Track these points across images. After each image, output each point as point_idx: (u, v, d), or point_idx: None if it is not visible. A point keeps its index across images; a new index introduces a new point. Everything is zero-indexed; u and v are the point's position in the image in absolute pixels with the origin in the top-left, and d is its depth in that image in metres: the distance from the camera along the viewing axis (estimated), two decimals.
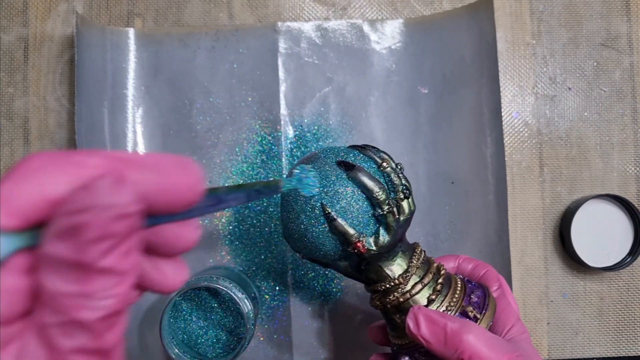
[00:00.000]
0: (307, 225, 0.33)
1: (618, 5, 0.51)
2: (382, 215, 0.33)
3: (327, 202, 0.33)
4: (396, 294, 0.34)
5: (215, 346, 0.43)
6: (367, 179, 0.33)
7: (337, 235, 0.33)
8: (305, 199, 0.33)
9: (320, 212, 0.33)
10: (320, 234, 0.33)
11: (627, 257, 0.48)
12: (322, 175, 0.33)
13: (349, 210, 0.33)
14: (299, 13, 0.51)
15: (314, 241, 0.34)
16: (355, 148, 0.36)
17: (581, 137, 0.51)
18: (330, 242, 0.33)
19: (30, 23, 0.50)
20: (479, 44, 0.48)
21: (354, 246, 0.33)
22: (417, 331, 0.31)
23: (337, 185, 0.33)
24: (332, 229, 0.33)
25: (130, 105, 0.49)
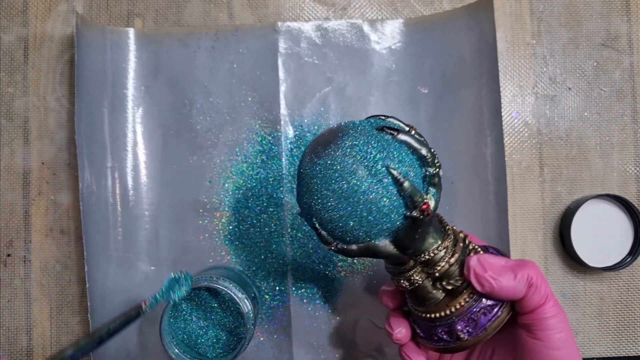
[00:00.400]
0: (364, 190, 0.31)
1: (618, 5, 0.51)
2: (433, 174, 0.33)
3: (390, 160, 0.31)
4: (447, 260, 0.34)
5: (215, 346, 0.43)
6: (414, 139, 0.32)
7: (405, 198, 0.31)
8: (363, 165, 0.31)
9: (383, 175, 0.31)
10: (384, 200, 0.31)
11: (627, 257, 0.48)
12: (367, 140, 0.31)
13: (408, 174, 0.31)
14: (299, 13, 0.51)
15: (375, 211, 0.31)
16: (374, 117, 0.35)
17: (581, 137, 0.51)
18: (391, 207, 0.31)
19: (30, 23, 0.50)
20: (479, 44, 0.48)
21: (421, 208, 0.31)
22: (483, 272, 0.33)
23: (392, 147, 0.32)
24: (400, 192, 0.31)
25: (130, 105, 0.49)
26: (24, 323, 0.49)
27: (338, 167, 0.31)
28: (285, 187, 0.49)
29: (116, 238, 0.48)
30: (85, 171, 0.46)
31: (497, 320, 0.34)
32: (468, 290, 0.34)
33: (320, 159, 0.32)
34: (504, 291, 0.33)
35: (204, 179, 0.49)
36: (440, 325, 0.34)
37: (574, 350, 0.33)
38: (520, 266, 0.34)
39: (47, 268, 0.49)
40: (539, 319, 0.33)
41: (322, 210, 0.32)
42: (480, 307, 0.34)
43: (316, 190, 0.32)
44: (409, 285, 0.35)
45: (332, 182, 0.31)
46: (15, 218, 0.49)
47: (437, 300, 0.35)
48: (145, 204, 0.49)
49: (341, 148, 0.31)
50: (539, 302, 0.33)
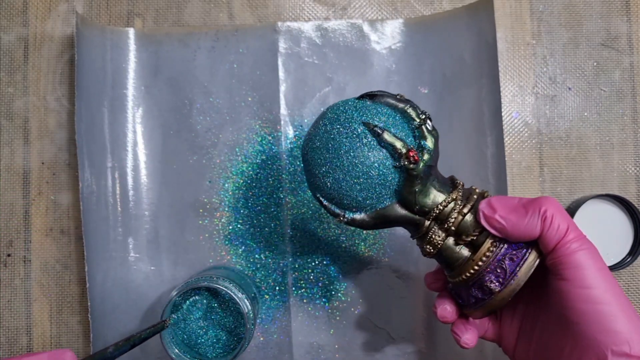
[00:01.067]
0: (347, 150, 0.32)
1: (618, 5, 0.51)
2: (421, 124, 0.33)
3: (369, 119, 0.32)
4: (458, 210, 0.33)
5: (215, 346, 0.43)
6: (393, 98, 0.34)
7: (387, 148, 0.32)
8: (343, 127, 0.33)
9: (362, 133, 0.32)
10: (371, 156, 0.32)
11: (627, 257, 0.48)
12: (346, 107, 0.34)
13: (389, 124, 0.33)
14: (299, 13, 0.51)
15: (362, 166, 0.32)
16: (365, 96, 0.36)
17: (581, 137, 0.51)
18: (379, 162, 0.32)
19: (30, 23, 0.50)
20: (479, 44, 0.48)
21: (407, 156, 0.31)
22: (492, 213, 0.31)
23: (371, 108, 0.33)
24: (380, 142, 0.32)
25: (130, 105, 0.49)
26: (24, 323, 0.49)
27: (322, 136, 0.33)
28: (285, 187, 0.49)
29: (116, 238, 0.48)
30: (85, 171, 0.46)
31: (526, 264, 0.31)
32: (489, 239, 0.32)
33: (310, 134, 0.34)
34: (517, 230, 0.30)
35: (204, 179, 0.49)
36: (473, 285, 0.33)
37: (612, 287, 0.28)
38: (533, 202, 0.31)
39: (47, 268, 0.49)
40: (563, 256, 0.29)
41: (319, 181, 0.34)
42: (505, 254, 0.32)
43: (311, 164, 0.34)
44: (432, 249, 0.34)
45: (320, 151, 0.33)
46: (15, 218, 0.49)
47: (464, 259, 0.33)
48: (145, 204, 0.49)
49: (322, 119, 0.34)
50: (558, 236, 0.29)
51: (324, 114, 0.35)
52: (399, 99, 0.34)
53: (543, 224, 0.30)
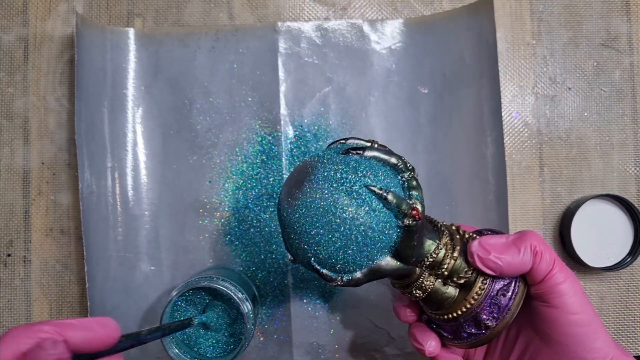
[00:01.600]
0: (353, 216, 0.30)
1: (618, 5, 0.51)
2: (410, 179, 0.32)
3: (367, 178, 0.31)
4: (450, 256, 0.34)
5: (215, 346, 0.43)
6: (381, 152, 0.32)
7: (393, 210, 0.31)
8: (345, 193, 0.30)
9: (365, 196, 0.30)
10: (374, 219, 0.30)
11: (627, 257, 0.48)
12: (338, 168, 0.31)
13: (387, 185, 0.31)
14: (299, 13, 0.51)
15: (365, 230, 0.30)
16: (335, 144, 0.35)
17: (581, 137, 0.51)
18: (383, 224, 0.31)
19: (30, 23, 0.50)
20: (479, 44, 0.48)
21: (412, 214, 0.31)
22: (487, 255, 0.33)
23: (364, 165, 0.31)
24: (386, 205, 0.30)
25: (130, 105, 0.49)
26: (24, 323, 0.49)
27: (320, 202, 0.30)
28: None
29: (116, 238, 0.48)
30: (85, 171, 0.46)
31: (517, 297, 0.33)
32: (480, 277, 0.34)
33: (299, 200, 0.31)
34: (512, 267, 0.32)
35: (204, 179, 0.49)
36: (465, 321, 0.34)
37: (591, 310, 0.32)
38: (521, 238, 0.33)
39: (47, 268, 0.49)
40: (551, 286, 0.32)
41: (317, 249, 0.31)
42: (497, 290, 0.33)
43: (306, 232, 0.31)
44: (422, 293, 0.34)
45: (319, 218, 0.31)
46: (15, 218, 0.49)
47: (454, 298, 0.34)
48: (145, 204, 0.49)
49: (316, 182, 0.31)
50: (547, 269, 0.32)
51: (312, 173, 0.32)
52: (384, 150, 0.33)
53: (535, 258, 0.33)
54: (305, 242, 0.31)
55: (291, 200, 0.32)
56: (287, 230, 0.32)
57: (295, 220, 0.31)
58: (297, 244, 0.32)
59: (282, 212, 0.33)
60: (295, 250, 0.33)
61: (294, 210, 0.31)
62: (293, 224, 0.32)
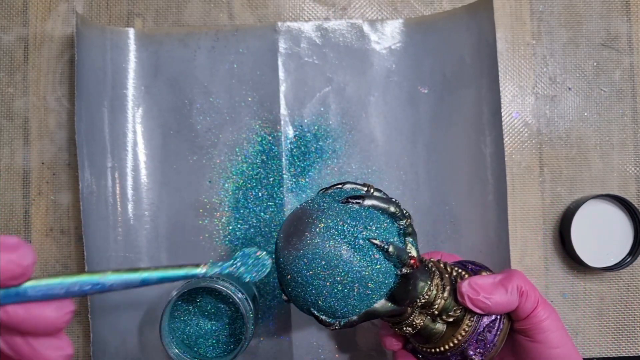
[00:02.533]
0: (356, 269, 0.31)
1: (618, 5, 0.51)
2: (406, 225, 0.33)
3: (369, 235, 0.31)
4: (441, 296, 0.35)
5: (215, 346, 0.43)
6: (379, 200, 0.33)
7: (393, 261, 0.32)
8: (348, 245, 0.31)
9: (367, 248, 0.31)
10: (375, 270, 0.31)
11: (627, 257, 0.48)
12: (339, 219, 0.31)
13: (386, 235, 0.32)
14: (299, 13, 0.51)
15: (367, 280, 0.31)
16: (331, 189, 0.35)
17: (581, 137, 0.51)
18: (383, 274, 0.32)
19: (30, 23, 0.50)
20: (479, 44, 0.48)
21: (410, 263, 0.32)
22: (476, 295, 0.34)
23: (364, 215, 0.32)
24: (387, 257, 0.31)
25: (130, 105, 0.49)
26: None
27: (322, 255, 0.31)
28: (286, 186, 0.49)
29: (116, 238, 0.48)
30: (85, 171, 0.46)
31: (502, 333, 0.35)
32: (468, 314, 0.35)
33: (300, 251, 0.31)
34: (500, 307, 0.35)
35: (204, 179, 0.49)
36: (452, 355, 0.36)
37: (570, 344, 0.35)
38: (508, 279, 0.35)
39: (47, 268, 0.49)
40: (535, 323, 0.35)
41: (318, 299, 0.32)
42: (484, 326, 0.35)
43: (307, 284, 0.32)
44: (412, 330, 0.36)
45: (321, 270, 0.31)
46: (15, 218, 0.49)
47: (442, 333, 0.36)
48: (145, 204, 0.49)
49: (318, 235, 0.31)
50: (531, 307, 0.35)
51: (312, 224, 0.32)
52: (382, 197, 0.33)
53: (521, 298, 0.35)
54: (307, 292, 0.32)
55: (291, 250, 0.32)
56: (286, 277, 0.33)
57: (296, 270, 0.32)
58: (296, 292, 0.33)
59: (280, 260, 0.33)
60: (294, 297, 0.33)
61: (295, 261, 0.32)
62: (293, 273, 0.32)
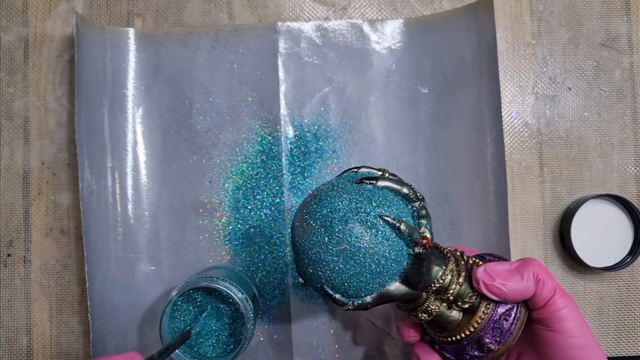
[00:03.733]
0: (367, 245, 0.31)
1: (618, 5, 0.51)
2: (420, 207, 0.34)
3: (381, 212, 0.32)
4: (456, 281, 0.35)
5: (215, 346, 0.43)
6: (393, 182, 0.33)
7: (405, 239, 0.32)
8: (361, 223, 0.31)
9: (379, 225, 0.31)
10: (387, 247, 0.32)
11: (627, 257, 0.48)
12: (352, 198, 0.32)
13: (398, 214, 0.32)
14: (299, 13, 0.51)
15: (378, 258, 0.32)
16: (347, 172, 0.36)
17: (581, 137, 0.51)
18: (395, 252, 0.32)
19: (30, 23, 0.50)
20: (479, 44, 0.48)
21: (423, 243, 0.32)
22: (491, 281, 0.34)
23: (378, 195, 0.32)
24: (399, 235, 0.32)
25: (130, 105, 0.49)
26: (24, 323, 0.49)
27: (335, 231, 0.31)
28: (286, 187, 0.49)
29: (116, 238, 0.48)
30: (85, 171, 0.46)
31: (519, 321, 0.35)
32: (484, 302, 0.35)
33: (314, 228, 0.32)
34: (515, 293, 0.34)
35: (204, 179, 0.49)
36: (468, 344, 0.35)
37: (589, 333, 0.34)
38: (524, 266, 0.35)
39: (47, 268, 0.49)
40: (552, 312, 0.34)
41: (331, 276, 0.32)
42: (500, 314, 0.35)
43: (320, 260, 0.32)
44: (427, 316, 0.36)
45: (334, 246, 0.31)
46: (15, 218, 0.49)
47: (458, 321, 0.36)
48: (145, 204, 0.49)
49: (331, 212, 0.32)
50: (548, 295, 0.34)
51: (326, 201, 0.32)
52: (395, 179, 0.34)
53: (537, 285, 0.34)
54: (319, 268, 0.32)
55: (306, 227, 0.33)
56: (301, 256, 0.33)
57: (310, 247, 0.32)
58: (310, 270, 0.33)
59: (296, 239, 0.34)
60: (309, 276, 0.33)
61: (309, 238, 0.32)
62: (307, 251, 0.33)
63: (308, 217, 0.33)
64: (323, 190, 0.34)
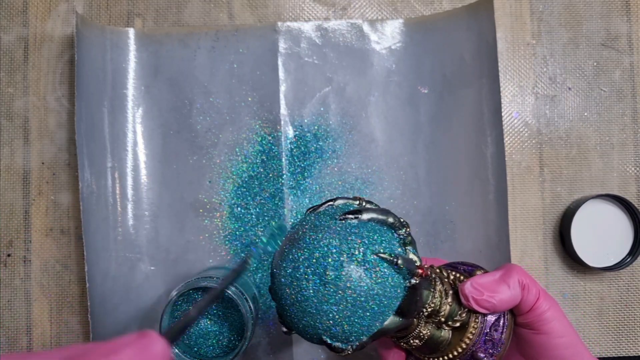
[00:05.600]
0: (368, 288, 0.29)
1: (618, 5, 0.51)
2: (406, 234, 0.32)
3: (375, 250, 0.29)
4: (446, 302, 0.34)
5: (215, 346, 0.43)
6: (377, 212, 0.31)
7: (403, 273, 0.30)
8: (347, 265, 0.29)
9: (376, 263, 0.29)
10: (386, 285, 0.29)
11: (627, 257, 0.48)
12: (342, 237, 0.30)
13: (390, 247, 0.30)
14: (299, 13, 0.51)
15: (379, 298, 0.29)
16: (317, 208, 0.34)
17: (581, 137, 0.51)
18: (395, 287, 0.30)
19: (30, 23, 0.50)
20: (479, 44, 0.48)
21: (419, 273, 0.30)
22: (480, 295, 0.34)
23: (366, 230, 0.30)
24: (397, 270, 0.30)
25: (130, 105, 0.49)
26: (24, 323, 0.49)
27: (331, 278, 0.29)
28: (285, 187, 0.49)
29: (116, 238, 0.48)
30: (85, 171, 0.46)
31: (508, 329, 0.35)
32: (472, 316, 0.35)
33: (305, 277, 0.29)
34: (504, 303, 0.34)
35: (204, 179, 0.49)
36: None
37: (573, 332, 0.35)
38: (508, 274, 0.35)
39: (47, 268, 0.49)
40: (538, 315, 0.34)
41: (331, 325, 0.30)
42: (490, 326, 0.35)
43: (317, 311, 0.29)
44: (419, 341, 0.34)
45: (332, 295, 0.29)
46: (15, 218, 0.49)
47: (449, 340, 0.35)
48: (145, 204, 0.49)
49: (323, 257, 0.29)
50: (534, 300, 0.35)
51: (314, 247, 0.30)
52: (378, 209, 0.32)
53: (523, 292, 0.35)
54: (317, 320, 0.30)
55: (294, 277, 0.30)
56: (290, 309, 0.30)
57: (303, 299, 0.29)
58: (304, 322, 0.30)
59: (281, 291, 0.31)
60: (303, 328, 0.31)
61: (300, 289, 0.29)
62: (300, 303, 0.30)
63: (296, 265, 0.30)
64: (305, 233, 0.31)
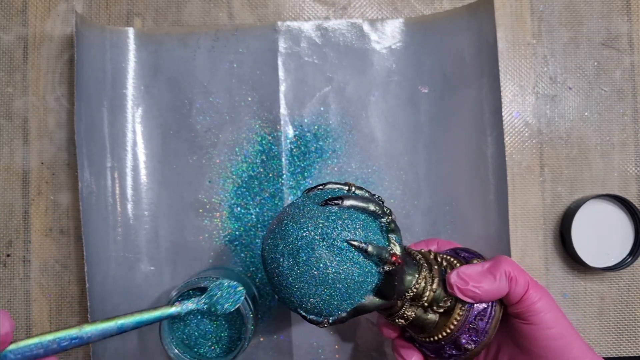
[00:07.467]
0: (336, 271, 0.32)
1: (618, 4, 0.51)
2: (388, 222, 0.34)
3: (347, 237, 0.32)
4: (430, 288, 0.35)
5: (215, 346, 0.43)
6: (359, 200, 0.33)
7: (373, 260, 0.32)
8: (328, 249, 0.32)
9: (346, 249, 0.32)
10: (355, 270, 0.32)
11: (628, 257, 0.48)
12: (318, 223, 0.32)
13: (366, 234, 0.32)
14: (299, 13, 0.51)
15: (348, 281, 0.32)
16: (312, 190, 0.36)
17: (582, 137, 0.51)
18: (364, 273, 0.32)
19: (30, 23, 0.50)
20: (479, 43, 0.48)
21: (392, 261, 0.32)
22: (465, 285, 0.35)
23: (344, 217, 0.32)
24: (367, 257, 0.32)
25: (130, 105, 0.49)
26: (24, 323, 0.49)
27: (302, 259, 0.32)
28: (286, 186, 0.49)
29: (116, 238, 0.48)
30: (84, 171, 0.46)
31: (494, 320, 0.36)
32: (458, 304, 0.36)
33: (283, 256, 0.33)
34: (489, 294, 0.35)
35: (203, 179, 0.49)
36: (446, 344, 0.36)
37: (565, 323, 0.35)
38: (496, 266, 0.36)
39: (47, 268, 0.49)
40: (527, 306, 0.35)
41: (302, 300, 0.33)
42: (475, 315, 0.35)
43: (291, 286, 0.33)
44: (404, 321, 0.37)
45: (302, 274, 0.32)
46: (15, 218, 0.49)
47: (435, 323, 0.37)
48: (145, 204, 0.49)
49: (297, 239, 0.32)
50: (522, 291, 0.35)
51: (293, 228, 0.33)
52: (362, 197, 0.34)
53: (510, 283, 0.35)
54: (292, 294, 0.33)
55: (274, 254, 0.33)
56: (272, 280, 0.34)
57: (279, 274, 0.33)
58: (284, 294, 0.34)
59: (266, 266, 0.34)
60: (282, 299, 0.34)
61: (277, 265, 0.33)
62: (277, 277, 0.33)
63: (276, 243, 0.33)
64: (289, 214, 0.34)
